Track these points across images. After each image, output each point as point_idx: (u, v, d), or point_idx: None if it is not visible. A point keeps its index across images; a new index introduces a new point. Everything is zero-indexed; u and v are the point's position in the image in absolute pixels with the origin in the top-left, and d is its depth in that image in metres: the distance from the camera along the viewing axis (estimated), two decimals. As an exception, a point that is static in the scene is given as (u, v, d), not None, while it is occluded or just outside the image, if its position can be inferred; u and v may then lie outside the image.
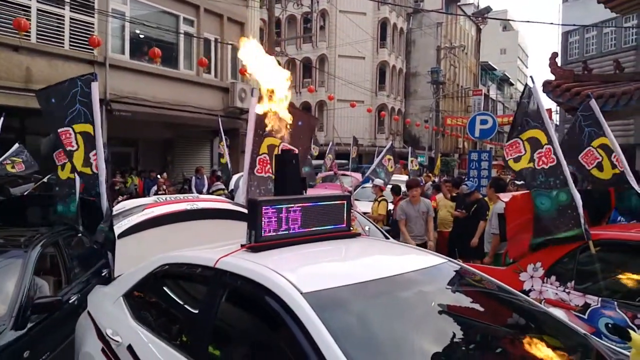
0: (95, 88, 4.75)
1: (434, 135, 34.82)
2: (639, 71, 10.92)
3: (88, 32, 12.40)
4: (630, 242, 4.26)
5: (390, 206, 10.11)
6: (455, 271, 2.94)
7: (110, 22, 13.12)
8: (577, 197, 4.38)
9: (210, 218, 4.54)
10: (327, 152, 13.95)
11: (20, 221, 5.66)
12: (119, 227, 4.17)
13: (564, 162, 4.51)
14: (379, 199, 10.00)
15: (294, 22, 34.71)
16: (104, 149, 4.75)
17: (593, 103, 5.17)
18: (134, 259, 3.63)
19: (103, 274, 5.01)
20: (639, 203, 5.08)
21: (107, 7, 12.88)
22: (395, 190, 9.76)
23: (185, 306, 3.08)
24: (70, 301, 4.42)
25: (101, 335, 3.26)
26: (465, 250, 7.22)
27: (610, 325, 3.64)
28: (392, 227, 9.15)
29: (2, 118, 6.10)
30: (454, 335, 2.37)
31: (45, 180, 9.82)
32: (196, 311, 2.82)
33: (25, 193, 8.97)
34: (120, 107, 13.04)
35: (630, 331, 2.14)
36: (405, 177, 14.50)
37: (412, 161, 14.38)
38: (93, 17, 12.63)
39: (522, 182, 5.73)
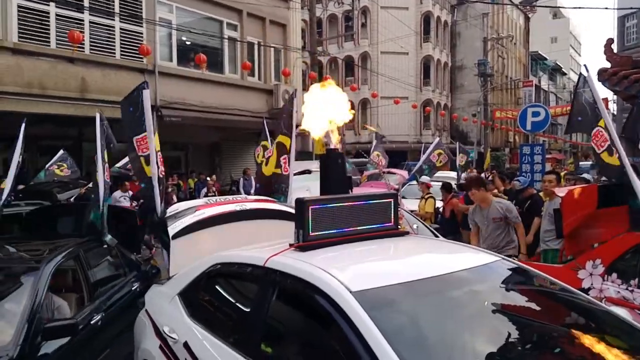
0: (147, 96, 4.98)
1: (483, 130, 33.96)
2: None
3: (137, 42, 12.86)
4: None
5: (439, 204, 9.94)
6: (509, 269, 2.86)
7: (158, 31, 13.55)
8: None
9: (259, 218, 4.62)
10: (372, 149, 13.81)
11: (52, 231, 5.38)
12: (173, 228, 4.31)
13: (623, 154, 4.29)
14: (426, 197, 9.86)
15: (335, 21, 34.67)
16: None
17: None
18: (188, 259, 3.74)
19: (134, 288, 4.85)
20: None
21: (154, 16, 13.32)
22: (446, 187, 9.50)
23: (238, 304, 3.15)
24: (92, 322, 3.91)
25: (158, 333, 3.38)
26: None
27: None
28: (440, 225, 9.00)
29: (23, 124, 6.34)
30: (509, 335, 2.31)
31: (90, 185, 10.23)
32: (248, 309, 2.89)
33: (72, 198, 9.31)
34: (170, 113, 13.44)
35: None
36: (453, 174, 14.21)
37: (461, 157, 14.04)
38: (141, 26, 13.08)
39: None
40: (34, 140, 12.50)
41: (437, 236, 6.83)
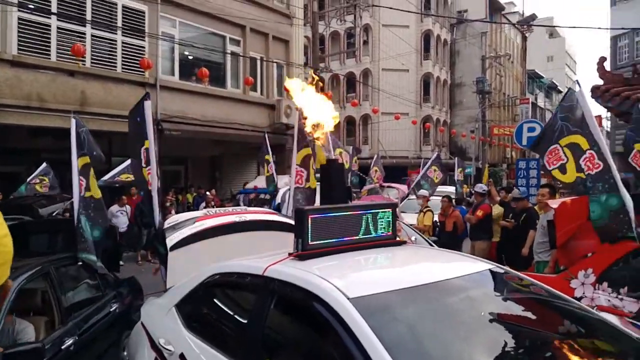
0: (149, 107, 5.02)
1: (481, 146, 34.07)
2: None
3: (139, 56, 12.97)
4: None
5: (436, 217, 9.98)
6: (502, 276, 2.90)
7: (160, 45, 13.68)
8: (628, 200, 4.26)
9: (259, 230, 4.62)
10: (372, 164, 13.93)
11: (24, 248, 4.85)
12: (170, 240, 4.30)
13: (613, 167, 4.38)
14: (425, 210, 9.90)
15: (338, 38, 34.92)
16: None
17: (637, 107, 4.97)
18: (186, 271, 3.73)
19: (113, 309, 4.66)
20: None
21: (157, 30, 13.46)
22: (449, 199, 9.55)
23: (235, 314, 3.14)
24: (64, 346, 3.63)
25: (154, 345, 3.34)
26: (515, 259, 7.03)
27: None
28: (440, 238, 9.04)
29: None
30: (502, 341, 2.33)
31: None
32: (246, 319, 2.88)
33: (55, 213, 9.05)
34: (171, 127, 13.50)
35: None
36: (452, 188, 14.30)
37: (460, 171, 14.15)
38: (144, 40, 13.21)
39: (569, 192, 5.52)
40: (32, 153, 12.54)
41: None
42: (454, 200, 10.34)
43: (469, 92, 37.43)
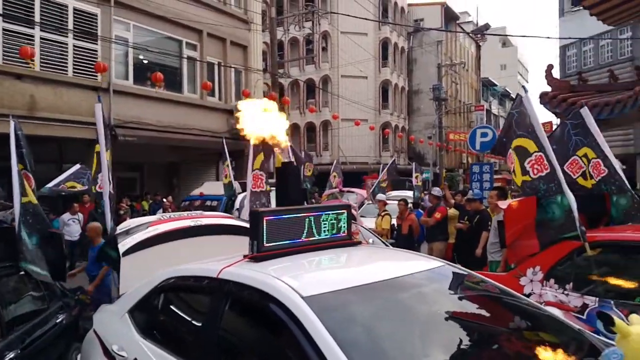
0: (99, 110, 4.89)
1: (438, 151, 34.85)
2: (633, 80, 10.98)
3: (92, 59, 12.58)
4: (625, 242, 4.35)
5: (394, 221, 10.15)
6: (453, 273, 2.99)
7: (114, 49, 13.33)
8: (572, 200, 4.43)
9: (214, 234, 4.58)
10: (332, 170, 14.01)
11: None
12: (123, 245, 4.20)
13: (558, 168, 4.54)
14: (383, 214, 10.06)
15: (297, 44, 35.07)
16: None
17: (584, 111, 5.11)
18: (140, 276, 3.65)
19: (60, 320, 4.49)
20: (626, 205, 4.99)
21: (110, 34, 13.10)
22: (405, 202, 9.79)
23: (190, 317, 3.11)
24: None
25: (107, 352, 3.26)
26: (469, 260, 7.23)
27: (599, 313, 3.69)
28: (397, 241, 9.20)
29: None
30: (454, 336, 2.38)
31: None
32: (201, 322, 2.86)
33: None
34: (125, 132, 13.14)
35: (614, 317, 2.17)
36: (409, 193, 14.56)
37: (416, 177, 14.39)
38: (96, 44, 12.84)
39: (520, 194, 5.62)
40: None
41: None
42: (411, 204, 10.53)
43: (426, 99, 38.25)
